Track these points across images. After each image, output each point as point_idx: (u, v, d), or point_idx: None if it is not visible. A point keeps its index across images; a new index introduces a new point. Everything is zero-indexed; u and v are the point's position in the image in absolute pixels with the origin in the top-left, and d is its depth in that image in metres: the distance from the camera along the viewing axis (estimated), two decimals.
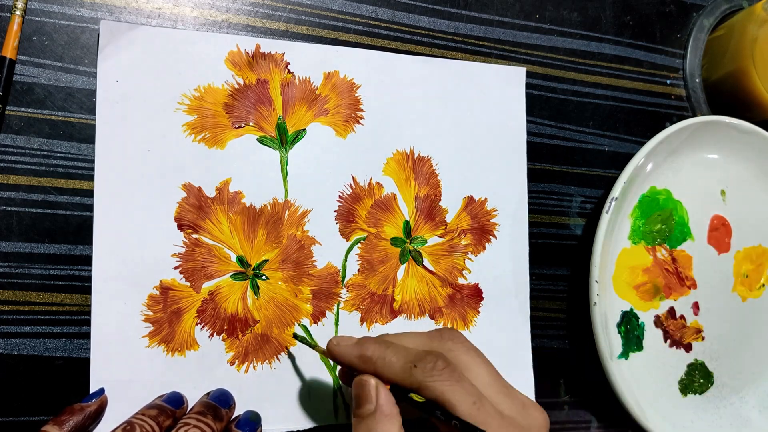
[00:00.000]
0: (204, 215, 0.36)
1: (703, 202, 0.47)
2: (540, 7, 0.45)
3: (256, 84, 0.37)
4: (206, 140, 0.36)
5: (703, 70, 0.49)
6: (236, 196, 0.37)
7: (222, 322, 0.36)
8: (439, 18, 0.42)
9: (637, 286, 0.44)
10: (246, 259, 0.37)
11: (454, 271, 0.41)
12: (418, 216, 0.40)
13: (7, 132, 0.34)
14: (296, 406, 0.37)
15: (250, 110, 0.37)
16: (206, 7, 0.38)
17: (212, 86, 0.37)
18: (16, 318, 0.33)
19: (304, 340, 0.37)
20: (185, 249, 0.35)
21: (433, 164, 0.41)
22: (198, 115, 0.36)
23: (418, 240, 0.40)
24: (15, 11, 0.34)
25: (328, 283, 0.38)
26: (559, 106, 0.45)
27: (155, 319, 0.35)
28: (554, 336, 0.44)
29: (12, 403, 0.33)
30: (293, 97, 0.38)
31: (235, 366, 0.36)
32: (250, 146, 0.37)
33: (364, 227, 0.39)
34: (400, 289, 0.40)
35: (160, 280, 0.35)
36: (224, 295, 0.36)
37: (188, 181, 0.36)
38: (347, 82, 0.39)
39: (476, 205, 0.42)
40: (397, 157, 0.40)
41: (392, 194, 0.40)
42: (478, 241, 0.42)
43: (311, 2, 0.40)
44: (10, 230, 0.33)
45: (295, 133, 0.38)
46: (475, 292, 0.42)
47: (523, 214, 0.43)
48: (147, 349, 0.34)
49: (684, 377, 0.45)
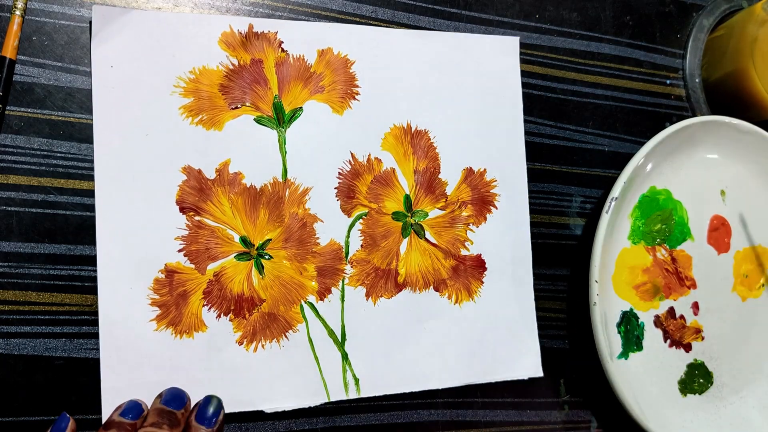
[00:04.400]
0: (205, 197, 0.36)
1: (702, 202, 0.47)
2: (540, 7, 0.45)
3: (250, 64, 0.37)
4: (204, 122, 0.36)
5: (703, 70, 0.49)
6: (236, 177, 0.37)
7: (228, 303, 0.36)
8: (439, 18, 0.42)
9: (636, 286, 0.44)
10: (249, 239, 0.37)
11: (457, 243, 0.41)
12: (418, 189, 0.41)
13: (7, 132, 0.34)
14: (306, 382, 0.37)
15: (246, 90, 0.37)
16: (206, 7, 0.38)
17: (207, 68, 0.37)
18: (16, 318, 0.33)
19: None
20: (188, 231, 0.36)
21: (431, 137, 0.41)
22: (194, 97, 0.36)
23: (419, 213, 0.41)
24: (15, 11, 0.34)
25: (332, 260, 0.38)
26: (558, 106, 0.45)
27: (162, 302, 0.35)
28: (554, 336, 0.44)
29: (12, 403, 0.33)
30: (288, 76, 0.38)
31: (244, 345, 0.36)
32: (247, 126, 0.37)
33: (365, 203, 0.39)
34: (404, 263, 0.40)
35: (165, 264, 0.35)
36: (229, 276, 0.36)
37: (188, 164, 0.36)
38: (341, 58, 0.39)
39: (476, 176, 0.42)
40: (395, 131, 0.40)
41: (391, 169, 0.40)
42: (479, 212, 0.42)
43: (311, 2, 0.40)
44: (10, 230, 0.33)
45: (291, 111, 0.38)
46: (478, 262, 0.42)
47: (522, 182, 0.43)
48: (155, 332, 0.35)
49: (684, 377, 0.45)
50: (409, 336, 0.40)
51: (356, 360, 0.38)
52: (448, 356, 0.40)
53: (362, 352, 0.38)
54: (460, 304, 0.41)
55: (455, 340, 0.41)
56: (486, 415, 0.42)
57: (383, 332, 0.39)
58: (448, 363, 0.40)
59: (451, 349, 0.40)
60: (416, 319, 0.40)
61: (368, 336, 0.39)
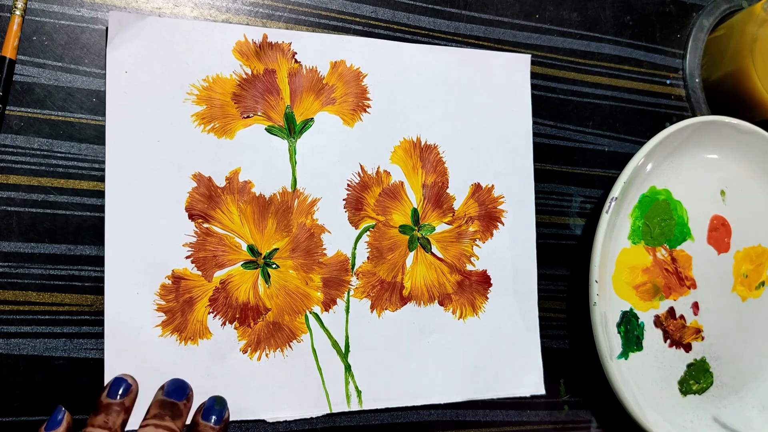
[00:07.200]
0: (214, 205, 0.36)
1: (702, 202, 0.47)
2: (540, 7, 0.45)
3: (263, 74, 0.38)
4: (215, 130, 0.36)
5: (703, 70, 0.49)
6: (246, 186, 0.37)
7: (234, 311, 0.36)
8: (439, 18, 0.42)
9: (636, 286, 0.44)
10: (256, 247, 0.37)
11: (463, 258, 0.41)
12: (425, 203, 0.41)
13: (7, 132, 0.34)
14: (308, 393, 0.37)
15: (259, 100, 0.37)
16: (206, 7, 0.38)
17: (220, 76, 0.37)
18: (16, 318, 0.33)
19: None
20: (196, 238, 0.36)
21: (440, 152, 0.41)
22: (207, 105, 0.36)
23: (426, 227, 0.41)
24: (15, 11, 0.34)
25: (338, 271, 0.38)
26: (559, 106, 0.45)
27: (168, 308, 0.35)
28: (554, 336, 0.44)
29: (12, 403, 0.33)
30: (301, 87, 0.38)
31: (248, 354, 0.36)
32: (258, 136, 0.37)
33: (372, 215, 0.39)
34: (410, 276, 0.40)
35: (172, 270, 0.35)
36: (236, 284, 0.36)
37: (198, 171, 0.36)
38: (354, 71, 0.40)
39: (483, 192, 0.42)
40: (404, 145, 0.40)
41: (400, 182, 0.40)
42: (485, 227, 0.42)
43: (311, 2, 0.40)
44: (10, 230, 0.33)
45: (303, 122, 0.38)
46: (484, 278, 0.42)
47: (529, 200, 0.43)
48: (160, 338, 0.35)
49: (684, 377, 0.45)
50: (413, 349, 0.40)
51: (359, 372, 0.38)
52: (450, 371, 0.40)
53: (365, 365, 0.38)
54: (464, 319, 0.41)
55: (458, 355, 0.41)
56: (486, 415, 0.42)
57: (387, 345, 0.39)
58: (451, 377, 0.40)
59: (454, 363, 0.40)
60: (420, 332, 0.40)
61: (372, 348, 0.39)
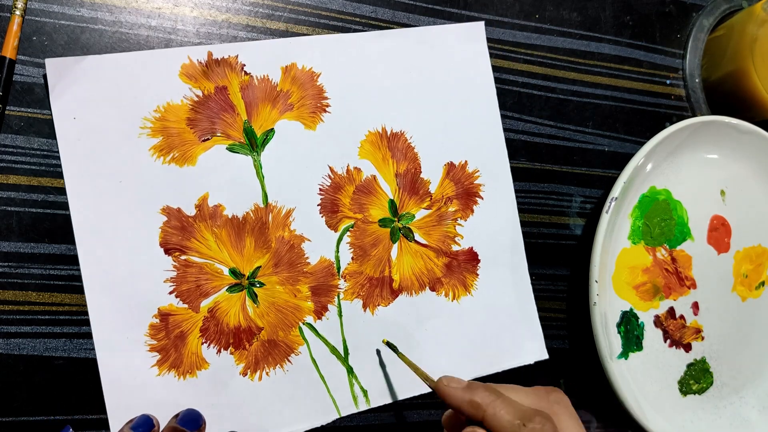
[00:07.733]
0: (188, 235, 0.36)
1: (702, 202, 0.47)
2: (540, 7, 0.45)
3: (215, 92, 0.37)
4: (176, 159, 0.36)
5: (703, 70, 0.49)
6: (217, 210, 0.36)
7: (227, 337, 0.36)
8: (439, 18, 0.42)
9: (636, 286, 0.44)
10: (238, 270, 0.36)
11: (447, 240, 0.41)
12: (401, 193, 0.40)
13: (7, 132, 0.34)
14: (315, 402, 0.37)
15: (215, 120, 0.36)
16: (206, 7, 0.38)
17: (171, 103, 0.36)
18: (16, 318, 0.33)
19: (395, 348, 0.37)
20: (176, 272, 0.35)
21: (407, 138, 0.41)
22: (163, 135, 0.35)
23: (405, 217, 0.40)
24: (15, 11, 0.34)
25: (325, 277, 0.38)
26: (558, 106, 0.45)
27: (160, 347, 0.35)
28: (554, 336, 0.44)
29: (12, 403, 0.33)
30: (255, 99, 0.37)
31: (248, 376, 0.36)
32: (221, 157, 0.36)
33: (350, 215, 0.39)
34: (397, 268, 0.40)
35: (158, 308, 0.35)
36: (224, 310, 0.36)
37: (166, 205, 0.35)
38: (307, 72, 0.39)
39: (458, 169, 0.42)
40: (371, 137, 0.40)
41: (372, 176, 0.40)
42: (465, 205, 0.42)
43: (311, 2, 0.40)
44: (10, 230, 0.33)
45: (263, 134, 0.37)
46: (471, 255, 0.42)
47: (504, 168, 0.43)
48: (158, 377, 0.34)
49: (684, 377, 0.45)
50: (412, 340, 0.40)
51: (362, 372, 0.38)
52: (453, 353, 0.40)
53: (367, 364, 0.38)
54: (457, 299, 0.41)
55: (458, 336, 0.41)
56: None
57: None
58: (455, 359, 0.40)
59: (455, 345, 0.40)
60: (416, 321, 0.40)
61: (371, 347, 0.39)
